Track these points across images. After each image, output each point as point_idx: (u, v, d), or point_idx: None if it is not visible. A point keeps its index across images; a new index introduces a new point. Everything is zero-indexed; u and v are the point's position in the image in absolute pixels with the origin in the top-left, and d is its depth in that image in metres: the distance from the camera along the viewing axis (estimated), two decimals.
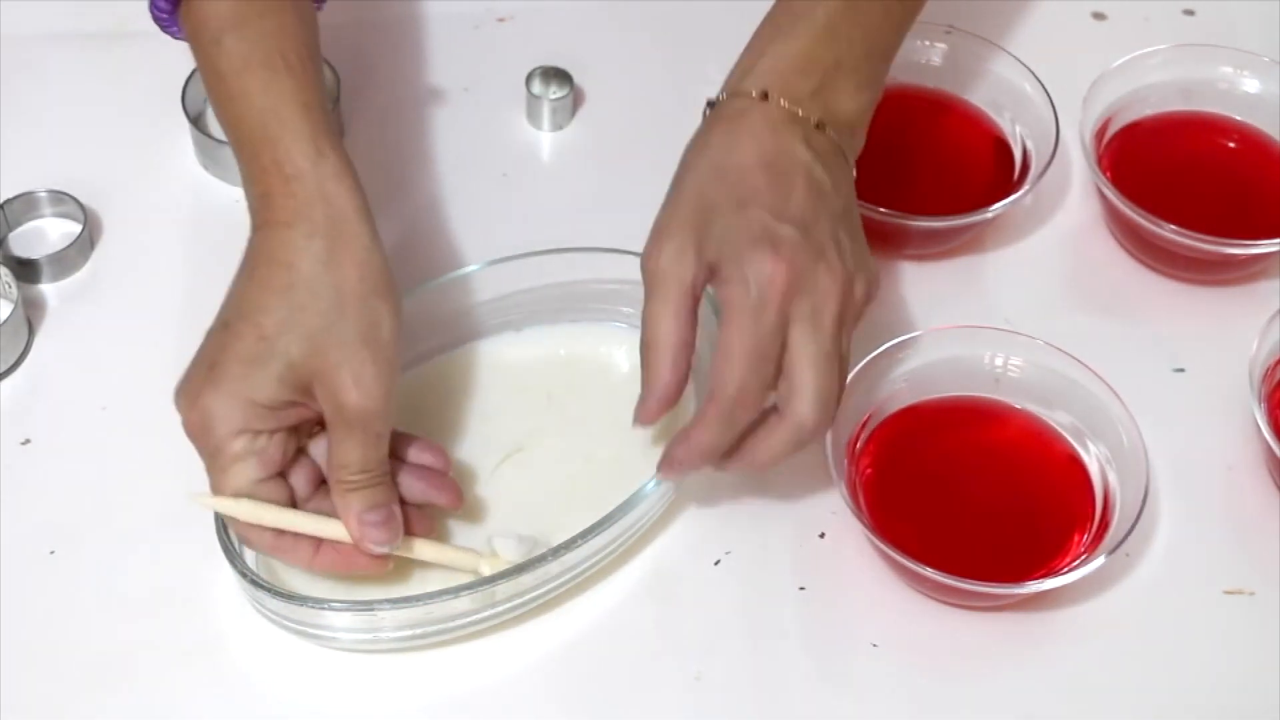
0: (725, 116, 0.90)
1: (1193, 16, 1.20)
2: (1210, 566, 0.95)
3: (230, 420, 0.84)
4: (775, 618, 0.92)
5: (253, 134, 0.86)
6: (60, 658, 0.90)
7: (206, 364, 0.85)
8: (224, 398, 0.84)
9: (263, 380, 0.84)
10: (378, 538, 0.87)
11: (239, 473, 0.85)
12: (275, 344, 0.84)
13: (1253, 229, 1.04)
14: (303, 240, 0.85)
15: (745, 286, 0.85)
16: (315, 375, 0.84)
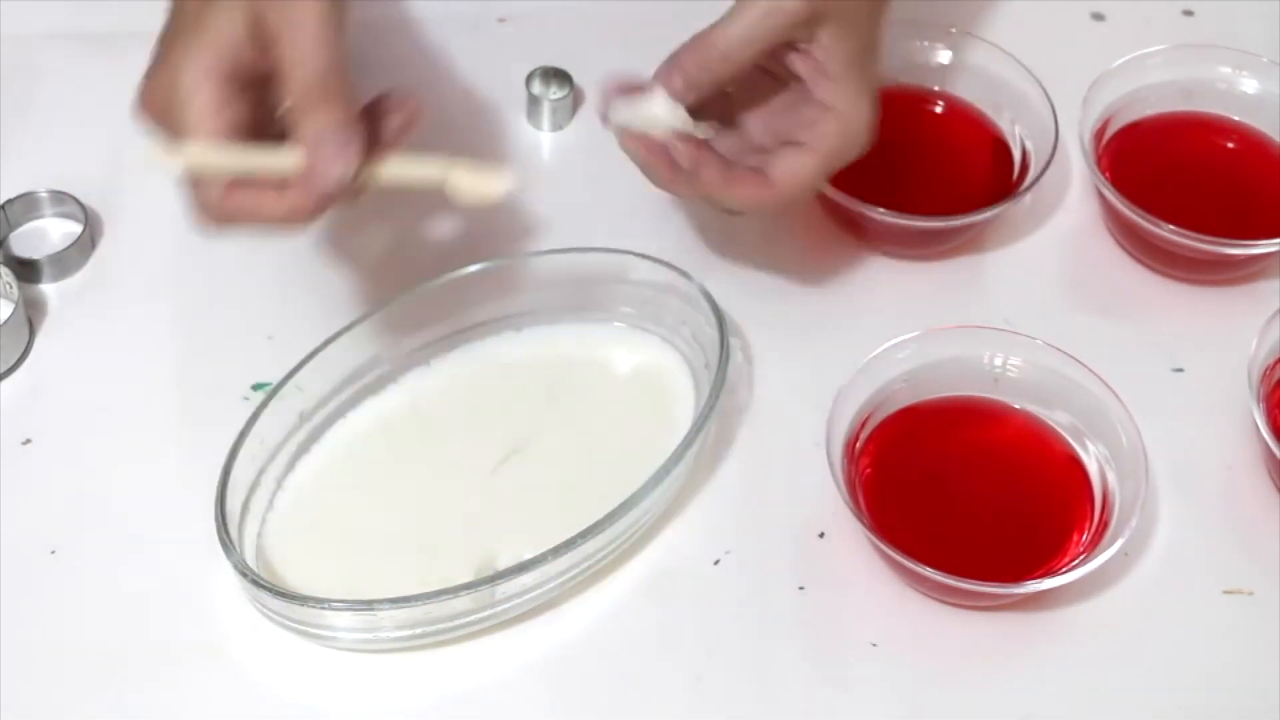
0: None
1: (1192, 16, 1.20)
2: (1210, 566, 0.95)
3: (202, 57, 0.81)
4: (775, 618, 0.92)
5: None
6: (60, 658, 0.90)
7: (168, 37, 0.83)
8: (194, 41, 0.81)
9: (226, 18, 0.81)
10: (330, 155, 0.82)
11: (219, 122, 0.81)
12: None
13: (1252, 229, 1.04)
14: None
15: (841, 134, 0.93)
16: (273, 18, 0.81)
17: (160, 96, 0.83)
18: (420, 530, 0.93)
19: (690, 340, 0.98)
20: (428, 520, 0.93)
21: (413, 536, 0.92)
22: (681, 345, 0.99)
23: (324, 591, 0.89)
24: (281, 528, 0.93)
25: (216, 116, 0.81)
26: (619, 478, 0.91)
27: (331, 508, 0.94)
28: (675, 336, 0.99)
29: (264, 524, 0.93)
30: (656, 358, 1.00)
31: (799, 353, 1.02)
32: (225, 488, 0.89)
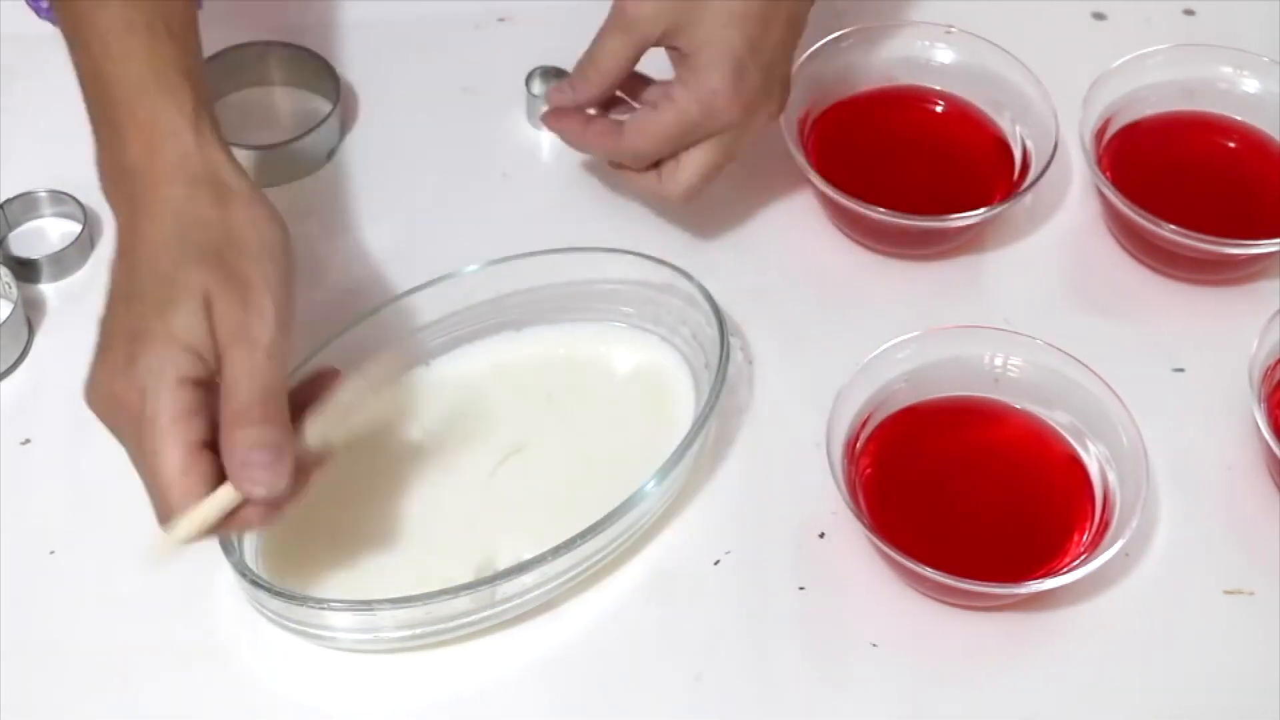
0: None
1: (1193, 16, 1.20)
2: (1210, 566, 0.95)
3: (167, 369, 0.79)
4: (775, 618, 0.92)
5: (130, 93, 0.85)
6: (60, 658, 0.90)
7: (124, 335, 0.81)
8: (155, 347, 0.80)
9: (184, 319, 0.80)
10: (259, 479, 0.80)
11: (184, 432, 0.80)
12: (176, 276, 0.80)
13: (1253, 229, 1.04)
14: (185, 190, 0.83)
15: (698, 101, 0.95)
16: (217, 289, 0.80)
17: (119, 398, 0.80)
18: (420, 530, 0.93)
19: (690, 340, 0.98)
20: (428, 520, 0.93)
21: (413, 536, 0.92)
22: (681, 345, 0.99)
23: (323, 592, 0.89)
24: (281, 528, 0.92)
25: (185, 426, 0.80)
26: (619, 478, 0.91)
27: (331, 507, 0.93)
28: (675, 336, 0.99)
29: None
30: (656, 358, 1.00)
31: (799, 352, 1.02)
32: None
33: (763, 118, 0.98)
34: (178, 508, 0.81)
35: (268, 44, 1.13)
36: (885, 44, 1.10)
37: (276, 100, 1.14)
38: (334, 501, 0.93)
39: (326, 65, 1.12)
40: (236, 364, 0.80)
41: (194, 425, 0.80)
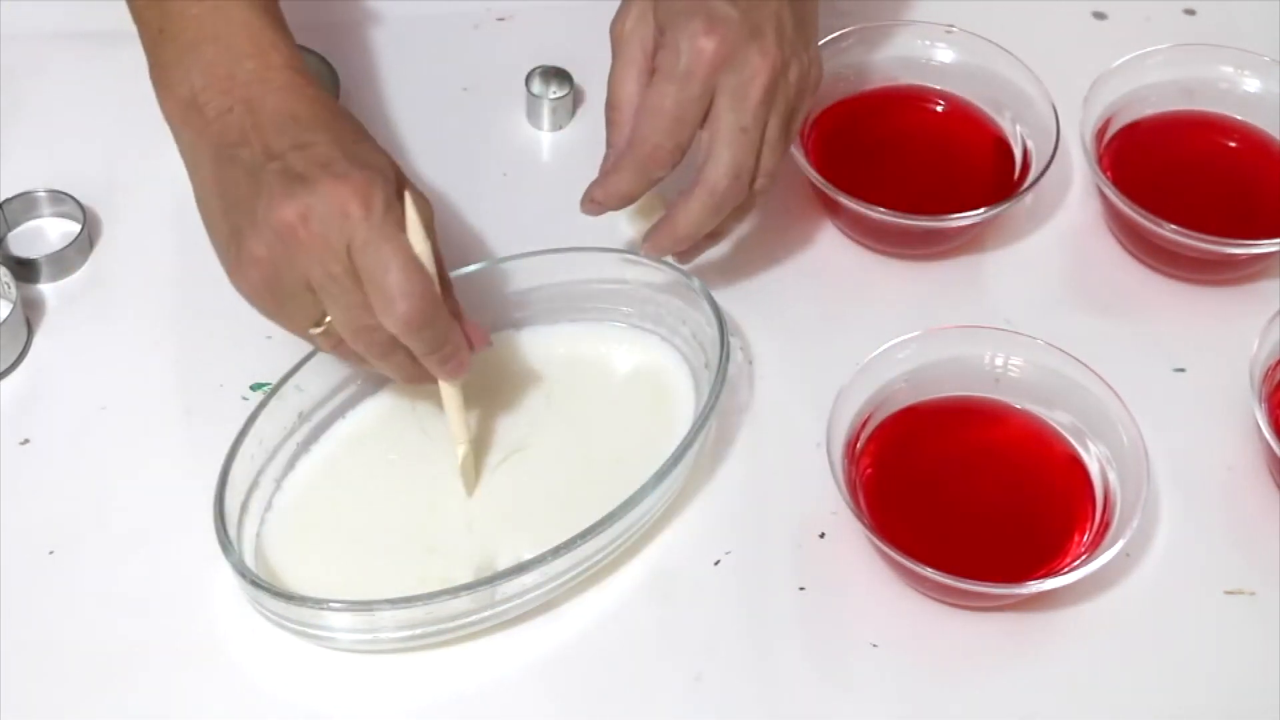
0: None
1: (1193, 16, 1.20)
2: (1210, 566, 0.95)
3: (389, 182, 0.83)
4: (775, 618, 0.92)
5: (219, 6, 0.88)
6: (60, 658, 0.90)
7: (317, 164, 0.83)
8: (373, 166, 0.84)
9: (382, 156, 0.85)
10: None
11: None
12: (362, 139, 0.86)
13: (1253, 229, 1.04)
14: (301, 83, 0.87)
15: (676, 53, 0.91)
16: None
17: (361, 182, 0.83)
18: (420, 530, 0.93)
19: (690, 340, 0.98)
20: (427, 520, 0.93)
21: (412, 536, 0.92)
22: (681, 345, 0.99)
23: (323, 592, 0.89)
24: (280, 528, 0.93)
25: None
26: (619, 478, 0.91)
27: (330, 508, 0.93)
28: (675, 336, 0.99)
29: (263, 524, 0.93)
30: (656, 358, 0.99)
31: (799, 352, 1.02)
32: (224, 487, 0.89)
33: (756, 61, 0.92)
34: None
35: None
36: (885, 44, 1.10)
37: None
38: (334, 502, 0.94)
39: (326, 65, 1.12)
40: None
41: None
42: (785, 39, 0.93)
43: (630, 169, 0.94)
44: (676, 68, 0.92)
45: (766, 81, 0.92)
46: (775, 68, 0.92)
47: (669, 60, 0.92)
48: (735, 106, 0.92)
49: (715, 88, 0.92)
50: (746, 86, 0.92)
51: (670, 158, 0.93)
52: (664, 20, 0.93)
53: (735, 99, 0.92)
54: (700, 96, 0.92)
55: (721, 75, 0.92)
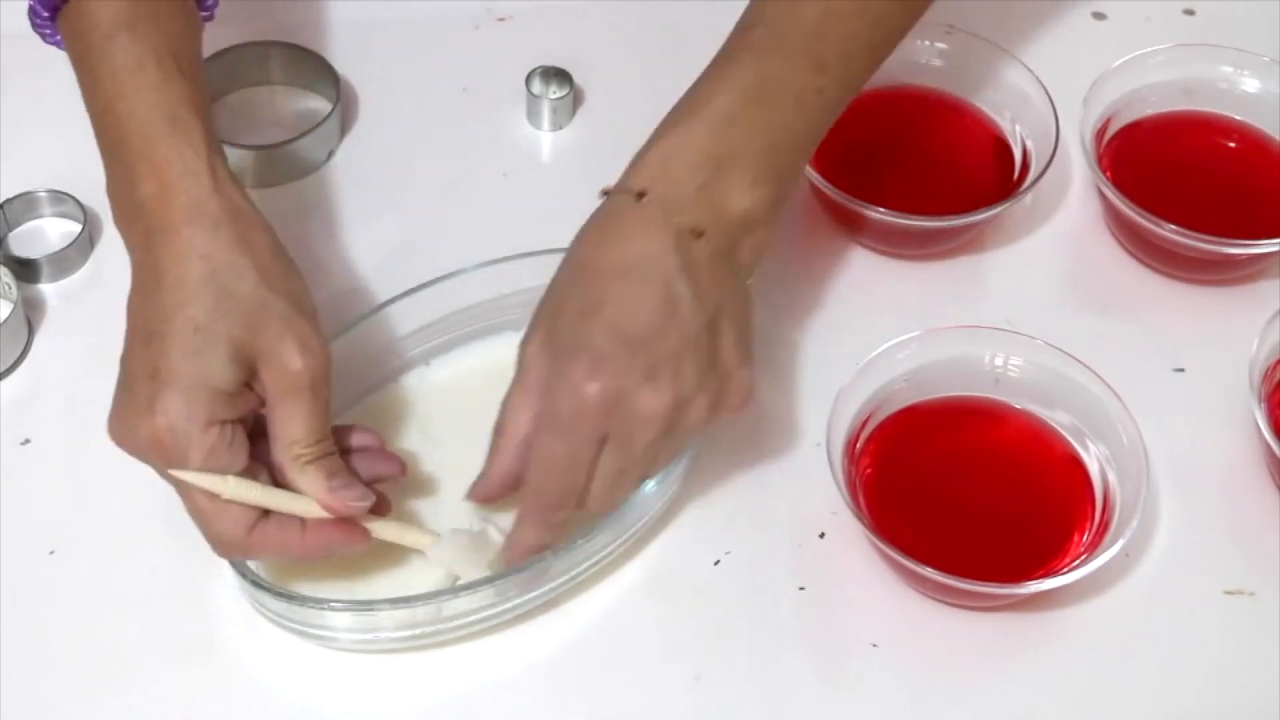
0: (605, 213, 0.88)
1: (1193, 16, 1.20)
2: (1210, 566, 0.95)
3: (197, 414, 0.82)
4: (775, 618, 0.92)
5: (144, 131, 0.85)
6: (60, 658, 0.90)
7: (145, 376, 0.83)
8: (184, 393, 0.82)
9: (216, 365, 0.82)
10: (353, 496, 0.85)
11: (220, 464, 0.83)
12: (213, 329, 0.82)
13: (1253, 229, 1.04)
14: (209, 232, 0.84)
15: (558, 399, 0.84)
16: (259, 352, 0.83)
17: (147, 439, 0.83)
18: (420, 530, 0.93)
19: None
20: (428, 520, 0.93)
21: None
22: None
23: (323, 592, 0.89)
24: None
25: (215, 462, 0.83)
26: None
27: None
28: None
29: None
30: None
31: (799, 352, 1.02)
32: None
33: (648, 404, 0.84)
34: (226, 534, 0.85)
35: (268, 44, 1.13)
36: None
37: (276, 100, 1.14)
38: None
39: (326, 65, 1.12)
40: (294, 410, 0.84)
41: (224, 459, 0.83)
42: (684, 376, 0.85)
43: (531, 520, 0.87)
44: (560, 415, 0.84)
45: (656, 428, 0.85)
46: (668, 410, 0.85)
47: (553, 407, 0.85)
48: (620, 452, 0.85)
49: (605, 431, 0.85)
50: (633, 434, 0.85)
51: (568, 503, 0.86)
52: (554, 355, 0.86)
53: (621, 445, 0.85)
54: (588, 442, 0.85)
55: (609, 420, 0.84)
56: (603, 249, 0.86)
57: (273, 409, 0.85)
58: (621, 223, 0.86)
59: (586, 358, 0.84)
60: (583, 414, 0.84)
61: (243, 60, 1.12)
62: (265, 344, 0.83)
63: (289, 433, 0.84)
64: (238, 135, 1.10)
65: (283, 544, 0.86)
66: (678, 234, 0.86)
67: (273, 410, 0.85)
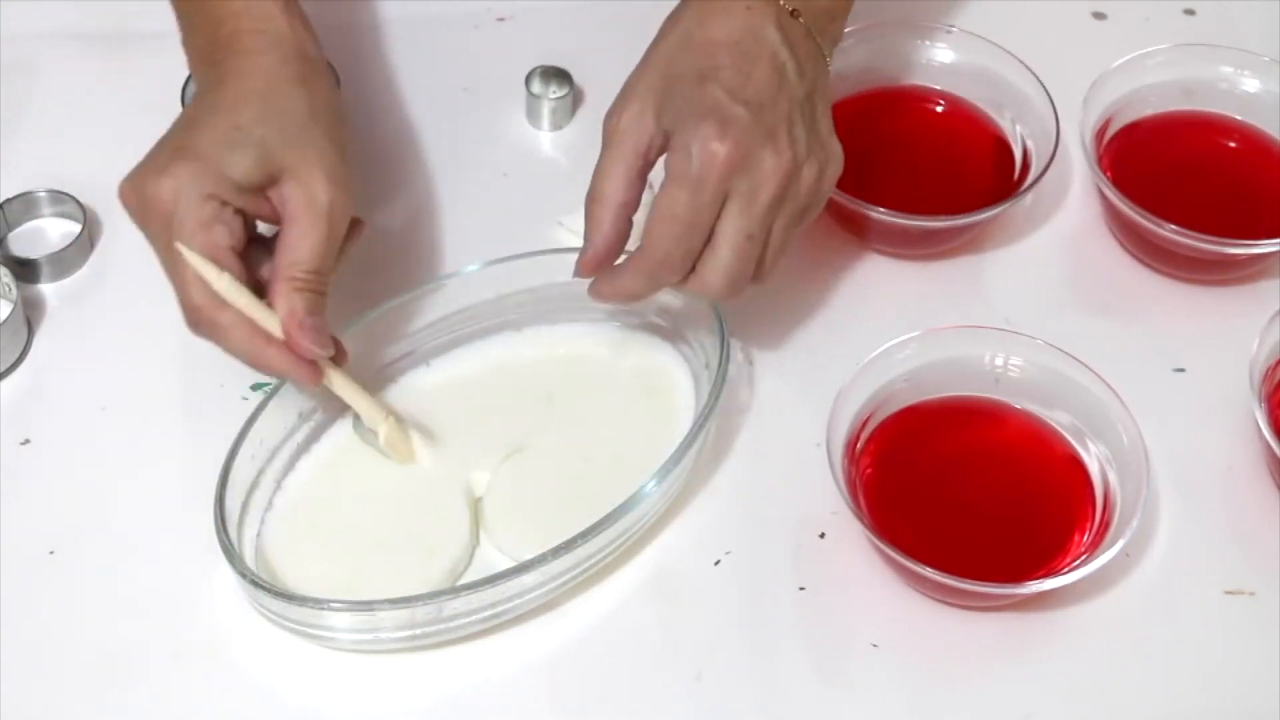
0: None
1: (1193, 16, 1.20)
2: (1210, 566, 0.95)
3: (201, 183, 0.86)
4: (775, 618, 0.92)
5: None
6: (60, 658, 0.90)
7: (172, 147, 0.87)
8: (198, 165, 0.86)
9: (240, 159, 0.87)
10: (315, 340, 0.88)
11: (208, 238, 0.87)
12: (251, 132, 0.87)
13: (1253, 229, 1.04)
14: (278, 62, 0.89)
15: (688, 157, 0.88)
16: (289, 167, 0.88)
17: (149, 198, 0.87)
18: (420, 530, 0.93)
19: (690, 340, 0.98)
20: (428, 520, 0.93)
21: (413, 536, 0.92)
22: (681, 345, 0.99)
23: (323, 592, 0.89)
24: (281, 528, 0.93)
25: (205, 233, 0.87)
26: (619, 478, 0.91)
27: (331, 508, 0.93)
28: (675, 336, 0.99)
29: (263, 524, 0.93)
30: (656, 358, 0.99)
31: (799, 352, 1.02)
32: (224, 488, 0.89)
33: (769, 164, 0.89)
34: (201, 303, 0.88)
35: None
36: (885, 44, 1.10)
37: None
38: (334, 502, 0.94)
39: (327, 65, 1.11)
40: (306, 233, 0.88)
41: (217, 232, 0.87)
42: (799, 140, 0.91)
43: (642, 273, 0.91)
44: (689, 172, 0.88)
45: (777, 186, 0.90)
46: (788, 171, 0.90)
47: (680, 164, 0.89)
48: (744, 211, 0.89)
49: (728, 191, 0.89)
50: (757, 191, 0.89)
51: (682, 265, 0.90)
52: (672, 122, 0.89)
53: (745, 203, 0.89)
54: (713, 202, 0.89)
55: (734, 179, 0.89)
56: (708, 22, 0.91)
57: (287, 227, 0.88)
58: (723, 7, 0.91)
59: (716, 118, 0.88)
60: (711, 171, 0.88)
61: None
62: (295, 161, 0.88)
63: (294, 253, 0.88)
64: None
65: (245, 343, 0.88)
66: (778, 11, 0.91)
67: (286, 228, 0.88)
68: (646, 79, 0.91)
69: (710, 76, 0.89)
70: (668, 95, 0.90)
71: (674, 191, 0.89)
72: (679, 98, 0.89)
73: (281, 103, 0.89)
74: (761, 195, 0.89)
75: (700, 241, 0.90)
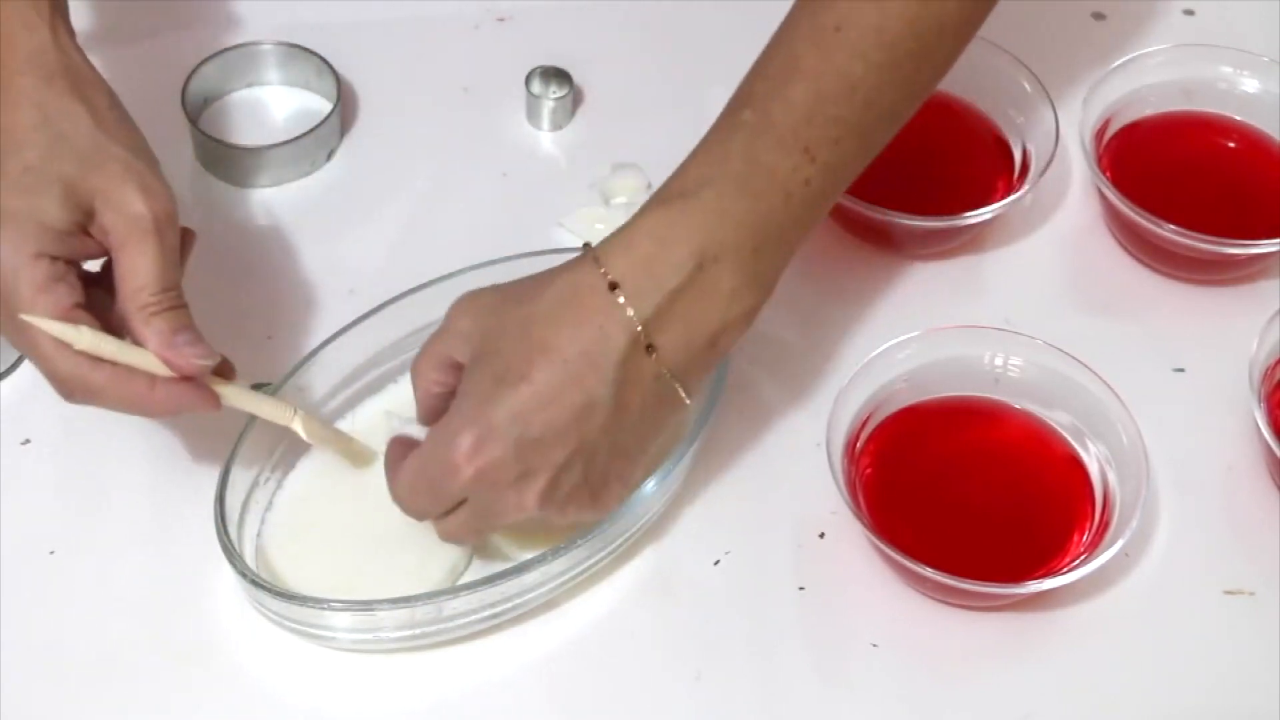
0: (573, 285, 0.84)
1: (1193, 16, 1.20)
2: (1210, 566, 0.95)
3: (24, 244, 0.81)
4: (775, 618, 0.92)
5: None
6: (60, 658, 0.90)
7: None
8: (12, 228, 0.81)
9: (47, 203, 0.81)
10: (196, 353, 0.84)
11: (52, 300, 0.82)
12: (46, 170, 0.82)
13: (1253, 229, 1.04)
14: (43, 82, 0.83)
15: (438, 447, 0.84)
16: (97, 192, 0.82)
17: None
18: (421, 530, 0.92)
19: None
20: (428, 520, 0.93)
21: (413, 536, 0.92)
22: None
23: (323, 592, 0.89)
24: (281, 527, 0.93)
25: (48, 297, 0.82)
26: None
27: (331, 507, 0.93)
28: None
29: (263, 524, 0.93)
30: None
31: (799, 352, 1.02)
32: (225, 488, 0.89)
33: (511, 502, 0.84)
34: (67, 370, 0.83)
35: (267, 44, 1.13)
36: None
37: (276, 100, 1.14)
38: (334, 502, 0.94)
39: (326, 65, 1.12)
40: (139, 255, 0.82)
41: (59, 292, 0.82)
42: (557, 489, 0.84)
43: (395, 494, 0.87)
44: (431, 464, 0.84)
45: (509, 515, 0.85)
46: (525, 509, 0.85)
47: (428, 450, 0.84)
48: (472, 514, 0.85)
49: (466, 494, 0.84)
50: (492, 513, 0.85)
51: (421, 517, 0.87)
52: (461, 389, 0.84)
53: (479, 513, 0.85)
54: (450, 496, 0.84)
55: (472, 489, 0.84)
56: (556, 327, 0.83)
57: (117, 256, 0.83)
58: (584, 306, 0.84)
59: (476, 433, 0.82)
60: (449, 480, 0.83)
61: (243, 60, 1.12)
62: (103, 185, 0.82)
63: (135, 278, 0.83)
64: (238, 135, 1.10)
65: (130, 395, 0.84)
66: (632, 343, 0.83)
67: (118, 257, 0.83)
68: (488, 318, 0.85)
69: (512, 384, 0.82)
70: (482, 356, 0.84)
71: (412, 468, 0.85)
72: (479, 373, 0.83)
73: (65, 128, 0.83)
74: (496, 517, 0.85)
75: (436, 512, 0.86)
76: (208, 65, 1.11)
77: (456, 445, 0.83)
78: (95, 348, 0.82)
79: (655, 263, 0.84)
